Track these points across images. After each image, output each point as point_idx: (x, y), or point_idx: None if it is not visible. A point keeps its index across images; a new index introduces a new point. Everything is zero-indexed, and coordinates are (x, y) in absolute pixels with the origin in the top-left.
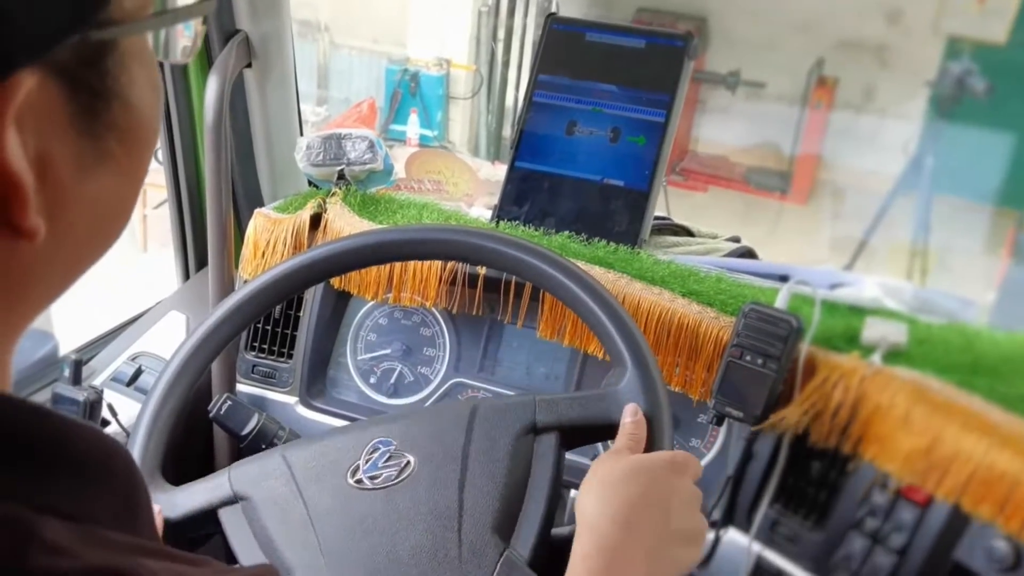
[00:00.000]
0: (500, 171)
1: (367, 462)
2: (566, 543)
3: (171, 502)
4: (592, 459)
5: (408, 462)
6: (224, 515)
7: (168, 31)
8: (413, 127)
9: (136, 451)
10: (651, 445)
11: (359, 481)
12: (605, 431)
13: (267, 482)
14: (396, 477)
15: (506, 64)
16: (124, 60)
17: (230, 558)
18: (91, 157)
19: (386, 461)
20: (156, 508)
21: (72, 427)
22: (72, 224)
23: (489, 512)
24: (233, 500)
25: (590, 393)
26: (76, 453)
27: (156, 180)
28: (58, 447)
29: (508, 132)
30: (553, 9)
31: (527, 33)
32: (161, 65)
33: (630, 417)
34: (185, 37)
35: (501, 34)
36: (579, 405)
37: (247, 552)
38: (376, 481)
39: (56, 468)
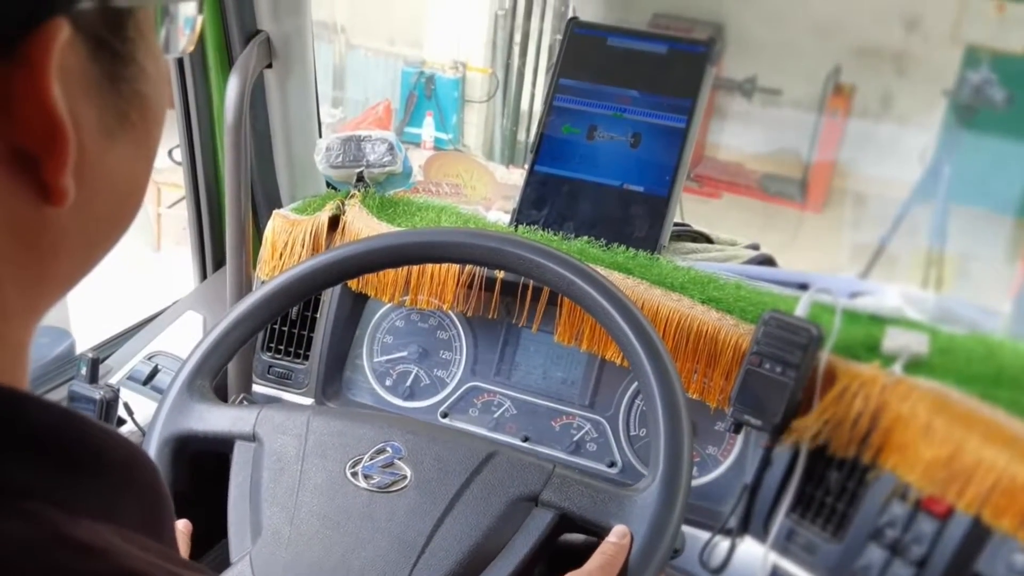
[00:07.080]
0: (516, 175)
1: (370, 460)
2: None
3: (201, 415)
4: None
5: (405, 476)
6: (238, 447)
7: (170, 27)
8: (428, 130)
9: (153, 447)
10: (629, 571)
11: (355, 474)
12: (601, 533)
13: (283, 436)
14: (387, 486)
15: (522, 68)
16: (142, 28)
17: (224, 490)
18: (113, 121)
19: (386, 466)
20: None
21: (105, 435)
22: (94, 195)
23: (449, 563)
24: (251, 438)
25: (608, 488)
26: (107, 460)
27: (171, 179)
28: (91, 454)
29: (523, 136)
30: (570, 13)
31: (543, 37)
32: (180, 65)
33: (614, 538)
34: (184, 35)
35: (518, 38)
36: (590, 496)
37: (238, 493)
38: (369, 481)
39: (87, 473)
